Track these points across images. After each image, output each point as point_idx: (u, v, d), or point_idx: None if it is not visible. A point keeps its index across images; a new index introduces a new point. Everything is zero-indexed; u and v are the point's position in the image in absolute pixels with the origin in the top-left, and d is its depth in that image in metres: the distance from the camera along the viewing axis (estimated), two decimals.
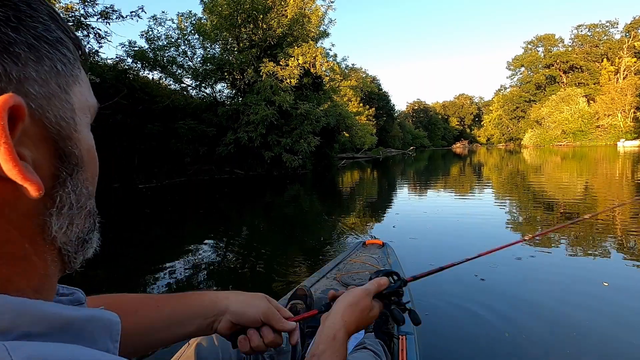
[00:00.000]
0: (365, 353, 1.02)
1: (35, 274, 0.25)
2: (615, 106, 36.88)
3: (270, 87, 12.76)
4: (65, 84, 0.25)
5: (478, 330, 1.78)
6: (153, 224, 5.24)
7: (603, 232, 3.65)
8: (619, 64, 40.48)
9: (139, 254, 3.70)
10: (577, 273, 2.55)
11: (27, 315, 0.21)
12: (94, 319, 0.26)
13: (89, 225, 0.28)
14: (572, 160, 15.87)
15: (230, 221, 5.56)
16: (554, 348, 1.61)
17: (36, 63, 0.23)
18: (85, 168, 0.27)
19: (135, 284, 2.72)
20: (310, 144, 13.10)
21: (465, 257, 0.82)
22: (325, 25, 16.29)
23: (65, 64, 0.25)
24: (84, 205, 0.27)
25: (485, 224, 4.27)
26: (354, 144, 24.98)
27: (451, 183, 9.30)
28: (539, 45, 50.92)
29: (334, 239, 4.01)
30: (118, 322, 0.28)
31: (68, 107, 0.25)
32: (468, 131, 79.81)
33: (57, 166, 0.24)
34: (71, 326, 0.23)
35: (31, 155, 0.22)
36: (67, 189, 0.25)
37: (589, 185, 7.42)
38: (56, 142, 0.24)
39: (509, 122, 53.97)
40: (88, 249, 0.29)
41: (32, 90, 0.22)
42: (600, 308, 1.97)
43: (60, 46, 0.25)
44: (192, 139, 12.28)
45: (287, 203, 7.24)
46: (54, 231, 0.25)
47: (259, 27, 13.97)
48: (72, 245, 0.27)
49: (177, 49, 13.83)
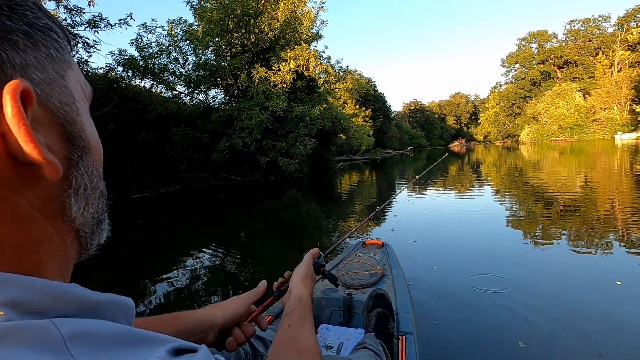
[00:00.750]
0: (366, 353, 1.03)
1: (59, 257, 0.26)
2: (611, 99, 37.28)
3: (263, 92, 12.79)
4: (61, 70, 0.25)
5: (478, 330, 1.78)
6: (146, 235, 5.20)
7: (603, 226, 3.68)
8: (613, 57, 41.01)
9: (133, 265, 3.68)
10: (585, 272, 2.55)
11: (62, 298, 0.23)
12: (115, 302, 0.27)
13: (102, 205, 0.30)
14: (570, 155, 16.00)
15: (226, 228, 5.54)
16: (554, 348, 1.62)
17: (33, 50, 0.23)
18: (92, 151, 0.28)
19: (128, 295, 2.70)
20: (307, 147, 13.11)
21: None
22: (318, 27, 16.44)
23: (59, 50, 0.25)
24: (97, 185, 0.29)
25: (485, 222, 4.31)
26: (351, 146, 25.13)
27: (450, 182, 9.34)
28: (532, 42, 51.53)
29: (332, 242, 4.01)
30: (133, 307, 0.29)
31: (67, 93, 0.25)
32: (465, 129, 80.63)
33: (69, 149, 0.25)
34: (97, 308, 0.25)
35: (44, 139, 0.23)
36: (81, 171, 0.26)
37: (589, 179, 7.48)
38: (63, 127, 0.25)
39: (505, 119, 54.42)
40: (102, 231, 0.30)
41: (35, 76, 0.23)
42: (601, 307, 1.98)
43: (51, 32, 0.25)
44: (186, 146, 12.28)
45: (284, 208, 7.21)
46: (73, 212, 0.26)
47: (251, 32, 14.04)
48: (89, 225, 0.28)
49: (168, 56, 13.86)
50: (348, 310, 1.34)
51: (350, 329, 1.28)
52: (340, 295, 1.43)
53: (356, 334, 1.26)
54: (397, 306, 1.34)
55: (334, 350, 1.19)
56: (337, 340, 1.23)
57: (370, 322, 1.22)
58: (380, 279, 1.55)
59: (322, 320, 1.34)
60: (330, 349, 1.19)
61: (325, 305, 1.38)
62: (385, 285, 1.51)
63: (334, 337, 1.25)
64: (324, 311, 1.37)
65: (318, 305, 1.37)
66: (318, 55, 15.16)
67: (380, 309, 1.26)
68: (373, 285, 1.50)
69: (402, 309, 1.33)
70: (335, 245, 1.13)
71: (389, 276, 1.58)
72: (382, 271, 1.61)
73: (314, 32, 16.17)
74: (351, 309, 1.35)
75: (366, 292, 1.42)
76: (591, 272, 2.50)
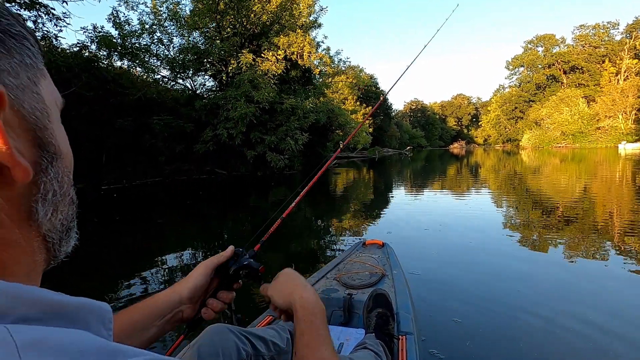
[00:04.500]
0: (366, 353, 1.08)
1: (25, 260, 0.27)
2: (616, 108, 38.52)
3: (250, 81, 12.55)
4: (34, 77, 0.27)
5: (478, 330, 1.89)
6: (95, 237, 4.34)
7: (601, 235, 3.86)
8: (620, 65, 42.39)
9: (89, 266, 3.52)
10: (582, 276, 2.72)
11: (22, 299, 0.23)
12: (87, 306, 0.27)
13: (71, 212, 0.32)
14: (572, 163, 16.52)
15: (197, 230, 5.07)
16: (554, 348, 1.73)
17: (7, 56, 0.25)
18: (63, 157, 0.29)
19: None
20: (298, 142, 12.98)
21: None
22: (317, 14, 16.40)
23: (31, 57, 0.27)
24: (67, 192, 0.30)
25: (486, 222, 4.56)
26: (348, 143, 25.36)
27: (448, 186, 9.53)
28: (539, 45, 52.89)
29: (324, 249, 4.07)
30: (109, 311, 0.29)
31: (39, 99, 0.27)
32: (465, 132, 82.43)
33: (38, 154, 0.27)
34: (65, 311, 0.25)
35: (14, 143, 0.24)
36: (50, 176, 0.28)
37: (588, 189, 7.77)
38: (34, 132, 0.26)
39: (507, 122, 55.74)
40: (70, 239, 0.32)
41: (8, 81, 0.24)
42: (603, 306, 2.12)
43: (24, 40, 0.27)
44: (167, 136, 12.06)
45: (269, 208, 7.00)
46: (40, 217, 0.27)
47: (243, 14, 13.85)
48: (57, 232, 0.29)
49: (151, 36, 13.55)
50: (348, 310, 1.41)
51: (351, 329, 1.35)
52: (341, 295, 1.50)
53: (356, 334, 1.32)
54: (398, 306, 1.42)
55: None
56: (337, 341, 1.29)
57: (370, 322, 1.29)
58: (380, 279, 1.63)
59: None
60: None
61: (326, 305, 1.43)
62: (385, 285, 1.59)
63: (334, 337, 1.31)
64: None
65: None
66: (315, 44, 15.11)
67: (380, 309, 1.33)
68: (373, 285, 1.58)
69: (402, 309, 1.41)
70: (261, 231, 1.00)
71: (389, 276, 1.67)
72: (383, 271, 1.69)
73: (313, 20, 16.09)
74: (351, 309, 1.42)
75: (366, 292, 1.49)
76: (586, 278, 2.65)
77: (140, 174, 11.42)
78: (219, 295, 0.70)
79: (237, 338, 0.87)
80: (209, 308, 0.68)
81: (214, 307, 0.69)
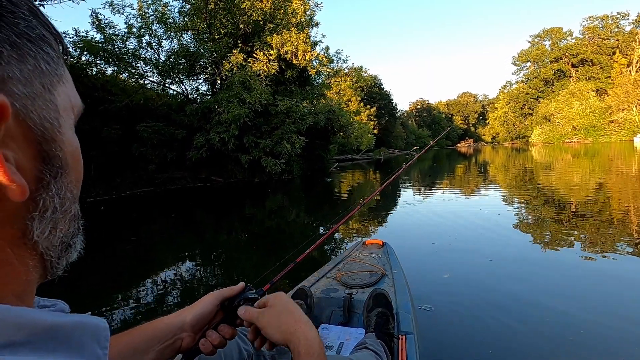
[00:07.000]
0: (366, 353, 1.12)
1: (17, 280, 0.26)
2: (629, 100, 38.61)
3: (241, 83, 12.57)
4: (50, 84, 0.27)
5: (478, 330, 1.94)
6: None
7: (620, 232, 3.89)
8: (632, 55, 42.67)
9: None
10: (591, 275, 2.77)
11: (10, 323, 0.22)
12: (81, 325, 0.27)
13: (73, 229, 0.31)
14: (584, 158, 16.56)
15: (180, 250, 4.68)
16: (554, 348, 1.78)
17: (19, 62, 0.24)
18: (69, 171, 0.29)
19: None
20: (295, 145, 12.94)
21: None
22: (312, 9, 16.48)
23: (49, 63, 0.27)
24: (69, 209, 0.29)
25: (487, 222, 4.61)
26: (351, 145, 25.62)
27: (457, 185, 9.57)
28: (545, 39, 53.33)
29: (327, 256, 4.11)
30: (106, 328, 0.29)
31: (52, 108, 0.27)
32: (473, 130, 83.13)
33: (41, 169, 0.26)
34: (57, 333, 0.25)
35: (14, 156, 0.23)
36: (51, 192, 0.27)
37: (603, 185, 7.80)
38: (40, 144, 0.26)
39: (515, 119, 56.10)
40: (72, 253, 0.31)
41: (16, 90, 0.23)
42: (604, 307, 2.17)
43: (43, 44, 0.26)
44: (157, 143, 12.05)
45: (264, 218, 6.78)
46: (35, 236, 0.26)
47: (233, 13, 13.86)
48: (55, 250, 0.29)
49: (139, 40, 13.60)
50: (348, 310, 1.45)
51: (351, 329, 1.39)
52: (341, 295, 1.55)
53: (356, 333, 1.36)
54: (398, 306, 1.47)
55: (334, 350, 1.29)
56: (337, 340, 1.33)
57: (370, 322, 1.33)
58: (380, 279, 1.68)
59: (322, 320, 1.45)
60: (331, 349, 1.29)
61: (326, 305, 1.49)
62: (385, 285, 1.63)
63: (334, 337, 1.35)
64: (324, 311, 1.48)
65: (318, 305, 1.48)
66: (310, 42, 15.19)
67: (380, 309, 1.37)
68: (373, 285, 1.63)
69: (402, 308, 1.46)
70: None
71: (389, 276, 1.72)
72: (383, 271, 1.74)
73: (309, 18, 16.15)
74: (351, 309, 1.46)
75: (366, 291, 1.53)
76: (596, 276, 2.69)
77: (130, 185, 11.45)
78: (220, 328, 0.69)
79: (239, 337, 0.91)
80: (207, 340, 0.68)
81: (213, 340, 0.67)
